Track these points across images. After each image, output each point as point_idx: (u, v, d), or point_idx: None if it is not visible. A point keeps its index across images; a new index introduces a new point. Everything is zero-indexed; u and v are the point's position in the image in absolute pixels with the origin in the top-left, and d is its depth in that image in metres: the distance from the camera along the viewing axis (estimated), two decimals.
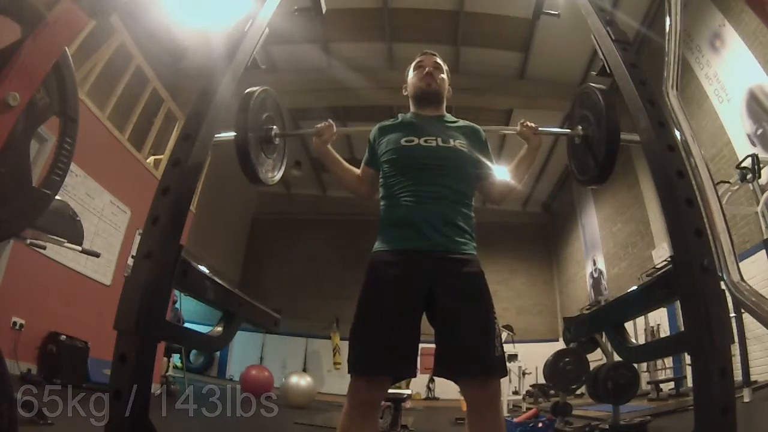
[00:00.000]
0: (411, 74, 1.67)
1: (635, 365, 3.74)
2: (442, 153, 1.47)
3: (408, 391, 3.78)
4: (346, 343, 9.48)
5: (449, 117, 1.62)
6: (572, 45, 6.24)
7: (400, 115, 1.66)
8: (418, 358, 1.35)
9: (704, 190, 1.46)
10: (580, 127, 1.51)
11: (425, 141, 1.48)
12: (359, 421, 1.27)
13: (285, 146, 1.74)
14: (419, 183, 1.42)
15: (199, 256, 7.31)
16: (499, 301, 11.10)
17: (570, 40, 5.95)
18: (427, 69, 1.61)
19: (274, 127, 1.62)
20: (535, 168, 9.78)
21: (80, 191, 4.26)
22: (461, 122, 1.61)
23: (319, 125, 1.61)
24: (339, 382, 8.64)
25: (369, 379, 1.28)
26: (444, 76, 1.65)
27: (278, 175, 1.70)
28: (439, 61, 1.67)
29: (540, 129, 1.58)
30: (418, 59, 1.68)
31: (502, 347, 1.33)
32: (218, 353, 9.46)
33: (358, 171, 1.63)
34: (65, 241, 2.00)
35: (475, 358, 1.26)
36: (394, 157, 1.49)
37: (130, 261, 4.59)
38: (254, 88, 1.54)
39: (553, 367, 3.75)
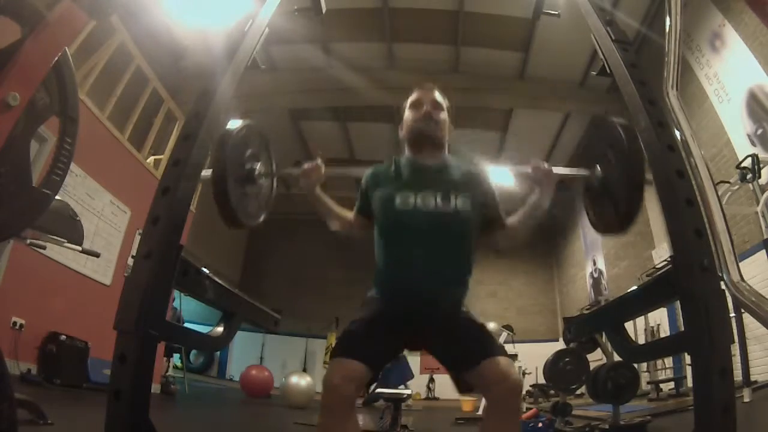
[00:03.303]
0: (407, 112, 1.50)
1: (635, 365, 3.74)
2: (442, 219, 1.33)
3: (408, 391, 3.79)
4: None
5: (450, 161, 1.47)
6: (572, 45, 6.24)
7: (394, 158, 1.51)
8: (419, 359, 1.36)
9: (704, 190, 1.47)
10: (598, 167, 1.36)
11: (422, 200, 1.33)
12: (338, 419, 1.17)
13: (272, 184, 1.58)
14: (415, 253, 1.32)
15: (199, 256, 7.31)
16: (499, 301, 11.11)
17: (570, 40, 5.94)
18: (425, 108, 1.46)
19: (257, 165, 1.44)
20: None
21: (80, 191, 4.26)
22: (463, 167, 1.46)
23: (305, 165, 1.44)
24: None
25: (345, 359, 1.21)
26: (444, 115, 1.49)
27: (261, 218, 1.52)
28: (438, 98, 1.50)
29: (554, 169, 1.40)
30: (414, 95, 1.51)
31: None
32: (218, 353, 9.46)
33: (350, 215, 1.50)
34: (65, 241, 2.00)
35: (478, 348, 1.26)
36: (388, 222, 1.38)
37: (130, 261, 4.59)
38: (233, 126, 1.35)
39: (553, 367, 3.75)
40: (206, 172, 1.28)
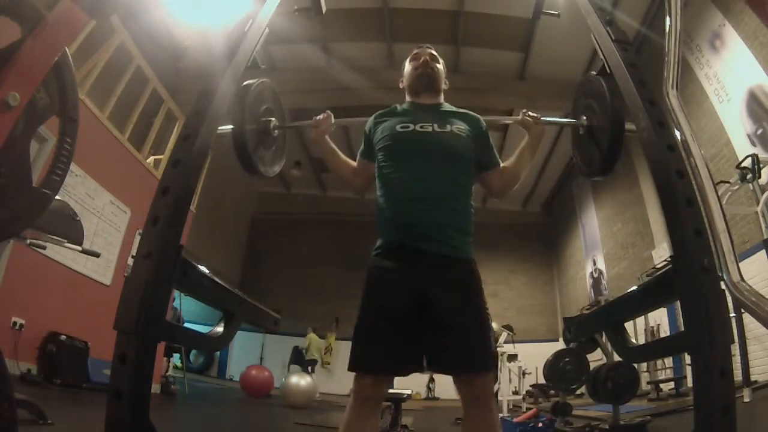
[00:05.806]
0: (406, 66, 1.66)
1: (635, 365, 3.74)
2: (439, 138, 1.44)
3: (408, 391, 3.78)
4: (342, 343, 9.41)
5: (447, 105, 1.61)
6: (572, 45, 6.24)
7: (396, 105, 1.64)
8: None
9: (704, 190, 1.46)
10: (584, 117, 1.48)
11: (421, 126, 1.45)
12: (363, 416, 1.29)
13: (285, 139, 1.74)
14: (415, 176, 1.39)
15: (199, 256, 7.31)
16: (499, 301, 11.09)
17: (570, 40, 5.95)
18: (423, 58, 1.60)
19: (273, 119, 1.62)
20: (535, 166, 9.81)
21: (80, 191, 4.26)
22: (461, 110, 1.59)
23: (317, 116, 1.62)
24: (327, 382, 8.64)
25: (372, 376, 1.29)
26: (440, 66, 1.63)
27: (277, 168, 1.70)
28: (434, 52, 1.66)
29: (542, 119, 1.55)
30: (414, 52, 1.68)
31: (492, 341, 1.39)
32: (218, 353, 9.47)
33: (354, 163, 1.62)
34: (65, 241, 2.00)
35: (470, 355, 1.28)
36: (388, 144, 1.47)
37: (130, 261, 4.59)
38: (252, 81, 1.53)
39: (553, 367, 3.75)
40: (223, 128, 1.38)
